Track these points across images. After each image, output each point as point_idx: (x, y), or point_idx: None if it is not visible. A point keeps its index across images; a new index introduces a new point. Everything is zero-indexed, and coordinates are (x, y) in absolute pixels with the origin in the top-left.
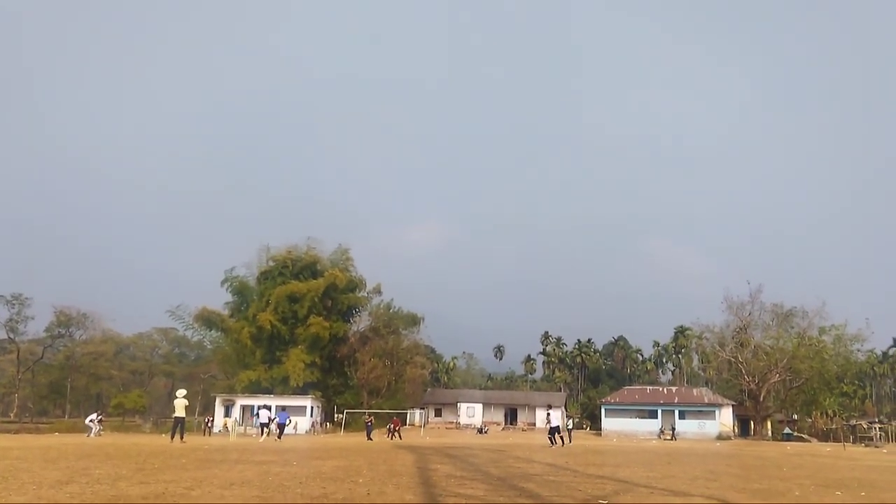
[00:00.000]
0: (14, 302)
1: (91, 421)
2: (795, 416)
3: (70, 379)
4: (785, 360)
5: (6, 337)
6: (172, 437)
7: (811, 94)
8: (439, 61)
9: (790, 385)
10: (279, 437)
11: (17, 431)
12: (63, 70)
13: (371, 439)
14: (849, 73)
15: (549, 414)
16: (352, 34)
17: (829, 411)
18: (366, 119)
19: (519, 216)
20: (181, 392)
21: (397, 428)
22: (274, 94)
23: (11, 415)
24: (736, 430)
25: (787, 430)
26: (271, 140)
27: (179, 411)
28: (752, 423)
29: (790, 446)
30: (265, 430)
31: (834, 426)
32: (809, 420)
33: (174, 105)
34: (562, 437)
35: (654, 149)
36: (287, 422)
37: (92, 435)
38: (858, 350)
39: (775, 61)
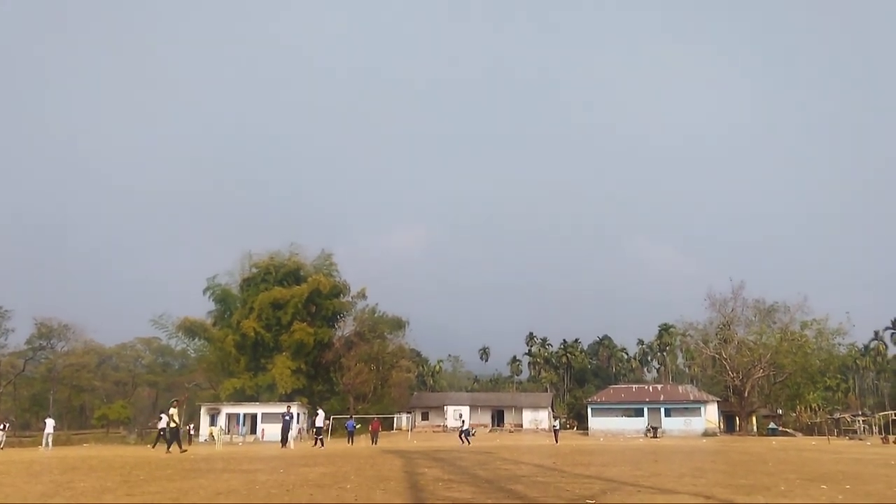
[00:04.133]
0: None
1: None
2: (780, 411)
3: (52, 391)
4: (768, 356)
5: None
6: (168, 447)
7: (798, 95)
8: (427, 61)
9: (774, 380)
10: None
11: None
12: (44, 76)
13: (351, 443)
14: (835, 74)
15: (461, 415)
16: (337, 32)
17: (813, 405)
18: (350, 119)
19: (500, 217)
20: (175, 402)
21: (376, 431)
22: (254, 95)
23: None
24: (721, 427)
25: (771, 425)
26: (252, 144)
27: (177, 419)
28: (737, 418)
29: (775, 441)
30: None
31: (818, 420)
32: (794, 414)
33: (155, 108)
34: (468, 439)
35: (636, 148)
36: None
37: None
38: (840, 344)
39: (769, 61)
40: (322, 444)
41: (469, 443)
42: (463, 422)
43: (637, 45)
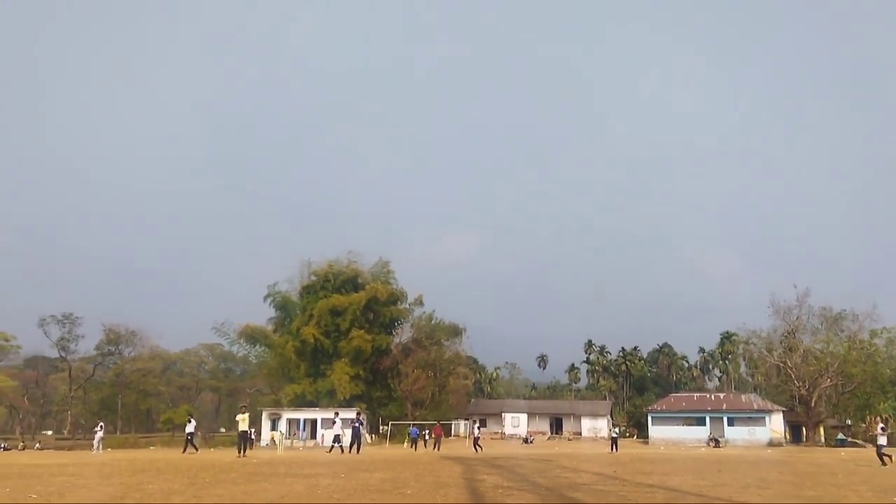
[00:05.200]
0: (65, 321)
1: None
2: (849, 422)
3: (120, 395)
4: (836, 365)
5: (58, 356)
6: (239, 452)
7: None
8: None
9: (842, 390)
10: (354, 450)
11: (70, 448)
12: (80, 76)
13: (415, 449)
14: None
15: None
16: (358, 30)
17: (884, 416)
18: (387, 126)
19: (557, 223)
20: (244, 408)
21: (439, 437)
22: (288, 100)
23: (65, 431)
24: (787, 437)
25: (840, 436)
26: (309, 153)
27: (242, 425)
28: (803, 429)
29: (844, 452)
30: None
31: (890, 431)
32: (863, 425)
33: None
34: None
35: (691, 153)
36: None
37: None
38: None
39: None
40: (342, 451)
41: (480, 450)
42: (477, 428)
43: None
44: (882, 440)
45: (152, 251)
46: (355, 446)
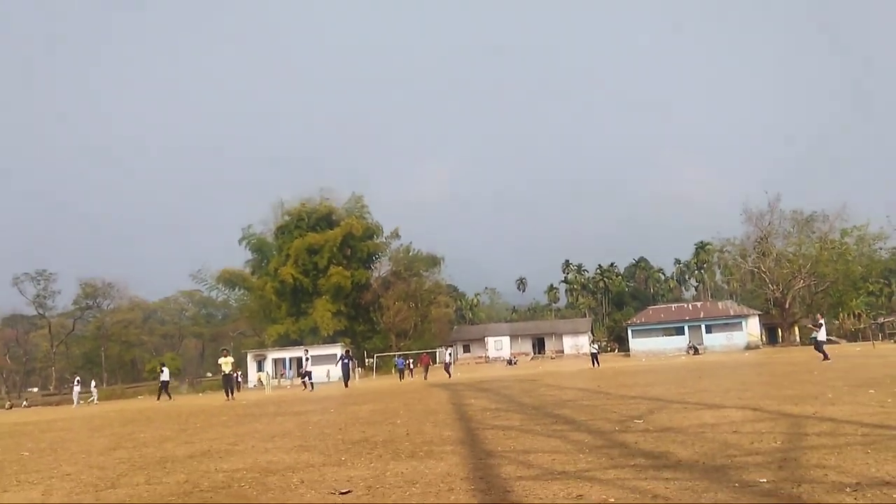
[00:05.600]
0: (39, 278)
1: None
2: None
3: (103, 348)
4: (808, 266)
5: (36, 313)
6: (227, 396)
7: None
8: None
9: (815, 289)
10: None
11: (58, 403)
12: (83, 56)
13: (402, 379)
14: None
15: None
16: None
17: (857, 311)
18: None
19: (528, 141)
20: (225, 352)
21: (427, 365)
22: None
23: (51, 387)
24: (764, 339)
25: (815, 334)
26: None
27: (226, 369)
28: (779, 330)
29: None
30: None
31: (862, 326)
32: (837, 322)
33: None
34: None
35: (659, 64)
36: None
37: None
38: (882, 248)
39: None
40: (312, 388)
41: (450, 375)
42: (449, 355)
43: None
44: (820, 335)
45: (122, 202)
46: (347, 381)
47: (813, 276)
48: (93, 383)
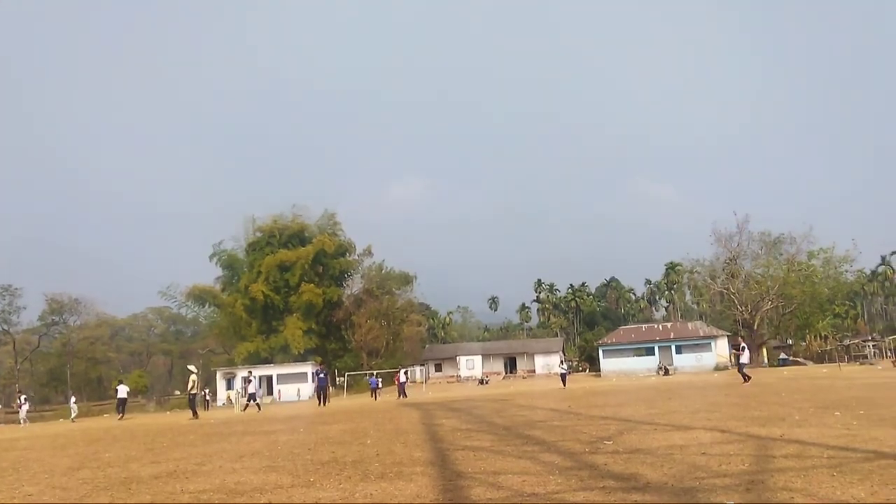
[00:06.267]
0: (4, 293)
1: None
2: (790, 341)
3: (69, 365)
4: (776, 287)
5: (0, 329)
6: (193, 414)
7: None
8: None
9: (783, 311)
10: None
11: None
12: (53, 74)
13: (375, 399)
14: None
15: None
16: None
17: (823, 333)
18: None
19: (500, 163)
20: (193, 368)
21: (402, 384)
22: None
23: (14, 405)
24: (732, 360)
25: (782, 356)
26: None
27: (192, 388)
28: (747, 351)
29: (787, 371)
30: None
31: (828, 347)
32: (804, 344)
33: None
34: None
35: (632, 91)
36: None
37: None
38: (847, 271)
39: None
40: (259, 409)
41: (404, 397)
42: (405, 374)
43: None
44: (743, 358)
45: (89, 221)
46: (323, 399)
47: (780, 297)
48: (72, 399)
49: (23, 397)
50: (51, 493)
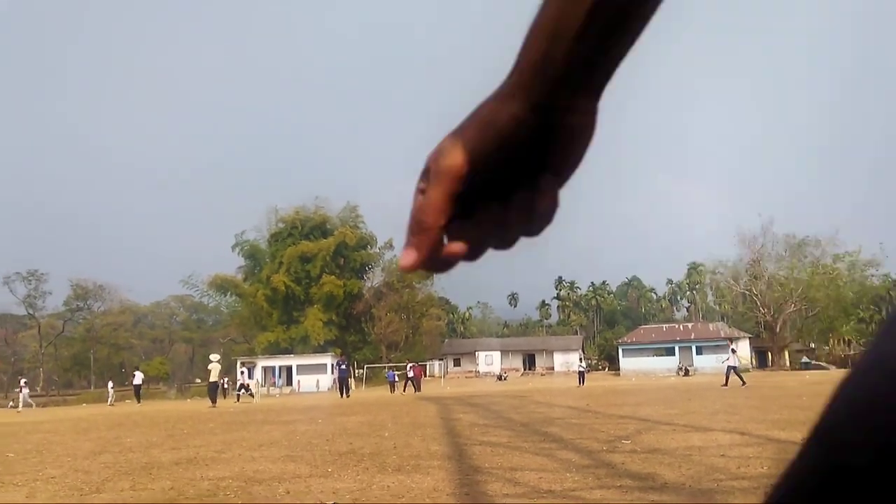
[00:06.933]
0: (30, 278)
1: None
2: (813, 345)
3: (92, 350)
4: (800, 290)
5: (26, 313)
6: (213, 403)
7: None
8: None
9: (806, 314)
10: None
11: (45, 405)
12: (79, 62)
13: (393, 392)
14: None
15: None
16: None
17: (847, 338)
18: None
19: None
20: (214, 357)
21: (418, 377)
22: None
23: (38, 388)
24: (754, 363)
25: (804, 360)
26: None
27: (213, 376)
28: (769, 354)
29: (809, 375)
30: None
31: (852, 352)
32: (827, 348)
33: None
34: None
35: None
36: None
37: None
38: (873, 275)
39: None
40: (253, 398)
41: (409, 391)
42: (410, 369)
43: None
44: (731, 361)
45: (115, 205)
46: (345, 390)
47: (804, 300)
48: (109, 384)
49: (23, 381)
50: (73, 476)
